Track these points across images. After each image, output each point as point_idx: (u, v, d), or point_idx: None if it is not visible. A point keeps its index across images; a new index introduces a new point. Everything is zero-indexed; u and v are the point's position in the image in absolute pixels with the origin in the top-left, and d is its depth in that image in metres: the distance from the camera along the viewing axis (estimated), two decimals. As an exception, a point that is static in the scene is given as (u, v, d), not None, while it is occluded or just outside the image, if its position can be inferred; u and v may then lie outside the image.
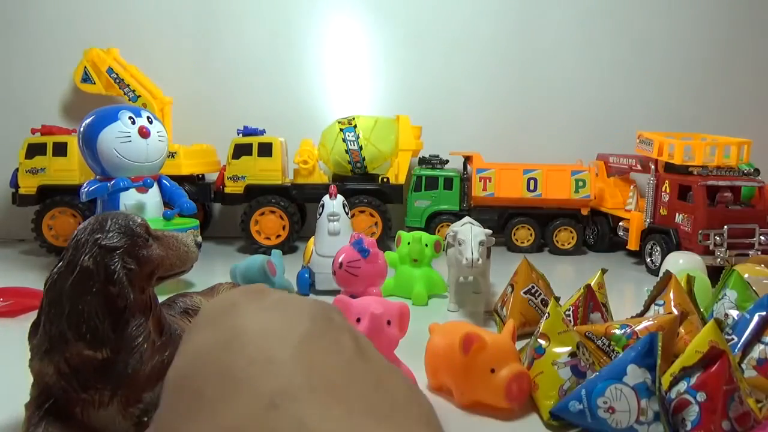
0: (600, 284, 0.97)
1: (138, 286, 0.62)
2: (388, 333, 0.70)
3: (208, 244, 1.84)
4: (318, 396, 0.31)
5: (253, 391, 0.31)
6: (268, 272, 1.00)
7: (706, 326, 0.72)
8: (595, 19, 2.06)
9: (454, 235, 1.10)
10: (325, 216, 1.27)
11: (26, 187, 1.70)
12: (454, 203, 1.85)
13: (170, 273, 0.67)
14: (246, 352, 0.34)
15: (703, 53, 2.09)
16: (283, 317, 0.37)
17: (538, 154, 1.97)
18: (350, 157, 1.79)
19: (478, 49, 2.04)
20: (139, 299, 0.62)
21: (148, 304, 0.64)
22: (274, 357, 0.33)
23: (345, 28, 2.03)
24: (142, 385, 0.61)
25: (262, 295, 0.39)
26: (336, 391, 0.32)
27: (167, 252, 0.66)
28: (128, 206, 1.32)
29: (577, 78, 2.07)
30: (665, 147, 1.58)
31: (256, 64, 2.00)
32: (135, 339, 0.60)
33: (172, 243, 0.67)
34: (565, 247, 1.83)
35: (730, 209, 1.46)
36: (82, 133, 1.30)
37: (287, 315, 0.37)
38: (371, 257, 1.08)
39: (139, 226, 0.63)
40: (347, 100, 2.04)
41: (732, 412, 0.61)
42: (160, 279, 0.67)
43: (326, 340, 0.36)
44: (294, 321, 0.36)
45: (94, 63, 1.85)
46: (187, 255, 0.68)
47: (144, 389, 0.61)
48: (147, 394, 0.61)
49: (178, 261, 0.67)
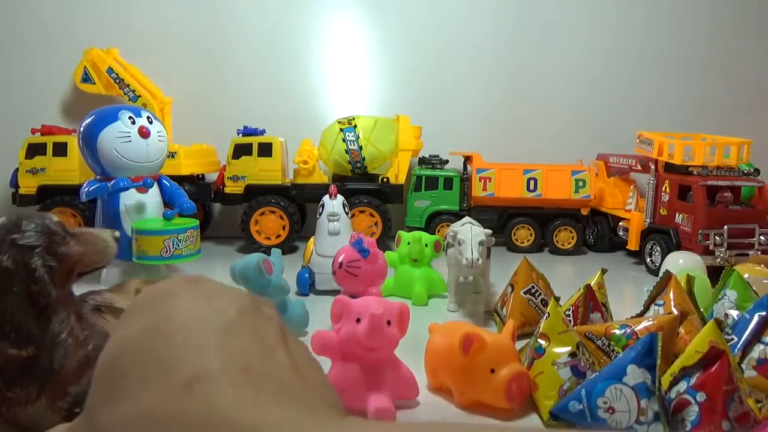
0: (600, 284, 0.97)
1: (59, 283, 0.63)
2: (388, 333, 0.70)
3: (208, 244, 1.84)
4: (231, 379, 0.32)
5: (172, 375, 0.33)
6: (264, 271, 0.99)
7: (706, 326, 0.72)
8: (595, 19, 2.06)
9: (454, 235, 1.10)
10: (325, 216, 1.27)
11: (26, 187, 1.70)
12: (454, 203, 1.85)
13: (89, 268, 0.69)
14: (171, 338, 0.35)
15: (703, 53, 2.09)
16: (212, 306, 0.38)
17: (538, 154, 1.97)
18: (350, 157, 1.79)
19: (478, 48, 2.04)
20: (60, 295, 0.63)
21: (69, 300, 0.66)
22: (197, 343, 0.35)
23: (345, 28, 2.03)
24: (69, 379, 0.62)
25: (197, 285, 0.41)
26: (249, 375, 0.33)
27: (86, 248, 0.68)
28: (128, 206, 1.32)
29: (577, 78, 2.07)
30: (665, 147, 1.58)
31: (257, 64, 2.00)
32: (59, 335, 0.62)
33: (90, 239, 0.69)
34: (565, 247, 1.83)
35: (730, 209, 1.46)
36: (82, 133, 1.30)
37: (216, 304, 0.39)
38: (371, 257, 1.08)
39: (56, 224, 0.65)
40: (347, 100, 2.04)
41: (732, 413, 0.61)
42: (80, 275, 0.69)
43: (249, 329, 0.37)
44: (221, 310, 0.38)
45: (94, 63, 1.85)
46: (105, 250, 0.71)
47: (70, 383, 0.63)
48: (73, 388, 0.63)
49: (97, 256, 0.69)
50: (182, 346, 0.35)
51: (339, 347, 0.72)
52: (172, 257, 1.25)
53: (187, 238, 1.27)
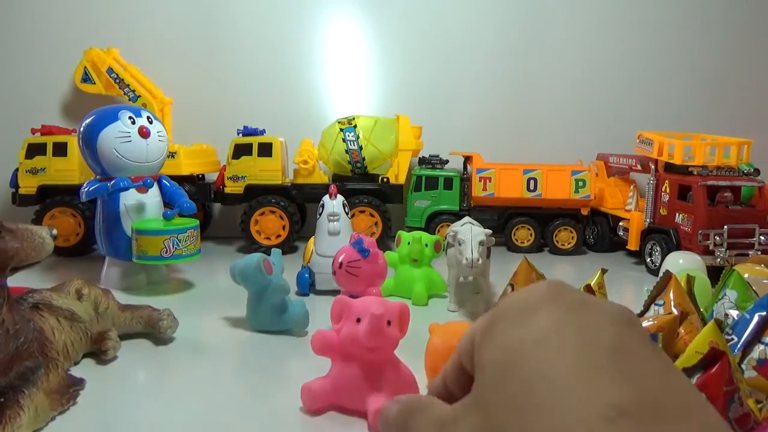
0: (600, 284, 0.97)
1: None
2: (388, 333, 0.70)
3: (208, 244, 1.84)
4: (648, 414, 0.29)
5: (579, 398, 0.30)
6: (264, 271, 0.99)
7: (706, 327, 0.72)
8: (595, 20, 2.06)
9: (454, 235, 1.10)
10: (325, 216, 1.27)
11: (26, 187, 1.70)
12: (454, 203, 1.85)
13: (25, 263, 0.71)
14: (561, 356, 0.33)
15: (703, 53, 2.09)
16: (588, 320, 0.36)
17: (538, 154, 1.97)
18: (350, 157, 1.79)
19: (478, 49, 2.04)
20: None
21: (2, 294, 0.67)
22: (590, 364, 0.32)
23: (345, 28, 2.03)
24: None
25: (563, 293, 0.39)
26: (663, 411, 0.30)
27: (22, 244, 0.69)
28: (128, 206, 1.32)
29: (578, 78, 2.07)
30: (665, 147, 1.58)
31: (257, 64, 2.00)
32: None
33: (26, 235, 0.70)
34: (565, 247, 1.83)
35: (730, 209, 1.46)
36: (82, 133, 1.30)
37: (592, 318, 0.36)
38: (371, 257, 1.07)
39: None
40: (347, 100, 2.04)
41: (732, 413, 0.61)
42: (15, 269, 0.70)
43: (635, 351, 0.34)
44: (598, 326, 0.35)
45: (94, 63, 1.85)
46: (42, 246, 0.72)
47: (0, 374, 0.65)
48: (2, 379, 0.65)
49: (33, 252, 0.71)
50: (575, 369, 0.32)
51: (339, 347, 0.72)
52: (172, 257, 1.26)
53: (187, 238, 1.27)
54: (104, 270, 1.36)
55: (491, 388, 0.37)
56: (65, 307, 0.85)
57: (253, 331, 1.04)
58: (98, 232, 1.36)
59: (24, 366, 0.69)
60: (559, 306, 0.38)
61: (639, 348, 0.35)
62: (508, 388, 0.35)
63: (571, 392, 0.31)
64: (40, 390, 0.68)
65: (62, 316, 0.83)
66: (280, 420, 0.72)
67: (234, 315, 1.11)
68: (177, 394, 0.80)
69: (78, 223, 1.67)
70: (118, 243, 1.32)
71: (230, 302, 1.15)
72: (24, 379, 0.68)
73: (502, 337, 0.38)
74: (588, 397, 0.31)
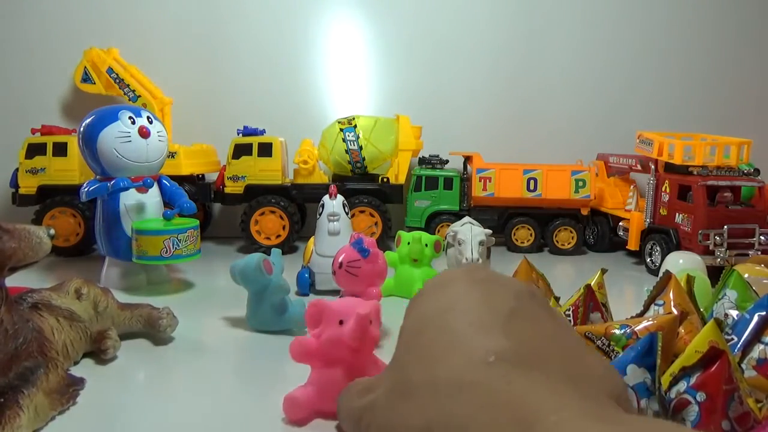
0: (600, 284, 0.97)
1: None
2: (371, 332, 0.70)
3: (208, 244, 1.85)
4: (522, 360, 0.36)
5: (470, 348, 0.38)
6: (264, 271, 0.99)
7: (706, 326, 0.72)
8: (595, 20, 2.06)
9: (454, 235, 1.10)
10: (325, 216, 1.27)
11: (26, 187, 1.70)
12: (454, 203, 1.85)
13: (23, 263, 0.70)
14: (463, 317, 0.41)
15: (703, 53, 2.09)
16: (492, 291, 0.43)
17: (538, 154, 1.97)
18: (350, 157, 1.79)
19: (478, 48, 2.04)
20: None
21: (1, 294, 0.67)
22: (486, 324, 0.39)
23: (345, 28, 2.03)
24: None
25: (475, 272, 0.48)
26: (538, 360, 0.37)
27: (19, 243, 0.69)
28: (128, 206, 1.32)
29: (577, 78, 2.07)
30: (665, 147, 1.58)
31: (257, 63, 2.00)
32: None
33: (24, 235, 0.70)
34: (565, 247, 1.83)
35: (730, 209, 1.46)
36: (82, 133, 1.30)
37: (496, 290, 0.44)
38: (371, 257, 1.07)
39: None
40: (347, 100, 2.04)
41: (732, 412, 0.61)
42: (13, 269, 0.70)
43: (529, 315, 0.41)
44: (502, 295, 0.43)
45: (94, 63, 1.85)
46: (39, 246, 0.71)
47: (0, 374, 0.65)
48: (2, 379, 0.65)
49: (31, 252, 0.70)
50: (474, 325, 0.39)
51: (319, 352, 0.71)
52: (172, 257, 1.26)
53: (187, 238, 1.27)
54: (104, 270, 1.36)
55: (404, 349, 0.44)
56: (64, 307, 0.85)
57: (253, 331, 1.04)
58: (98, 232, 1.36)
59: (23, 366, 0.69)
60: (469, 280, 0.45)
61: (534, 314, 0.42)
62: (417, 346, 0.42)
63: (465, 344, 0.38)
64: (40, 390, 0.68)
65: (61, 316, 0.83)
66: (281, 420, 0.72)
67: (234, 315, 1.11)
68: (177, 394, 0.80)
69: (78, 223, 1.67)
70: (118, 243, 1.32)
71: (230, 302, 1.15)
72: (23, 379, 0.68)
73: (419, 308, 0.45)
74: (476, 347, 0.37)
